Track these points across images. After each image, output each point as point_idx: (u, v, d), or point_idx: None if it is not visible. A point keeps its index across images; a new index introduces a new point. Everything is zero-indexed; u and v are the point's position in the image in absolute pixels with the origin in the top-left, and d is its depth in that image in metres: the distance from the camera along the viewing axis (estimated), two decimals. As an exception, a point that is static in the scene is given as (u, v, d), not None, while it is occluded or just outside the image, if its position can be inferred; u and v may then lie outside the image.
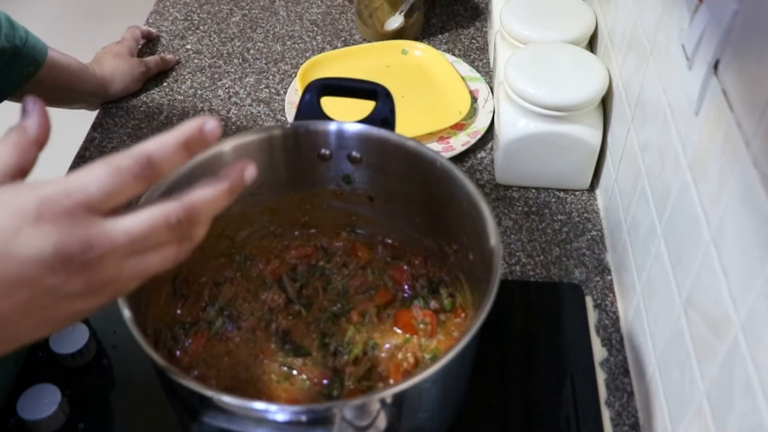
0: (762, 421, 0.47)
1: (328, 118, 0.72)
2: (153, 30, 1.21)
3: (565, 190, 0.96)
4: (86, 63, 1.07)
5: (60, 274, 0.41)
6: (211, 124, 0.45)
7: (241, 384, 0.66)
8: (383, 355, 0.68)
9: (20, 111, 0.46)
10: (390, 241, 0.77)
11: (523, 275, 0.86)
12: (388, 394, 0.54)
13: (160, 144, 0.44)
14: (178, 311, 0.70)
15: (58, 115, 1.00)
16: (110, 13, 2.78)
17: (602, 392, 0.75)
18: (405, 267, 0.75)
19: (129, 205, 0.45)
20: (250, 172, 0.49)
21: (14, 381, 0.73)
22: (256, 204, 0.74)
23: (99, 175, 0.42)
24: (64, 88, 1.02)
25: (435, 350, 0.69)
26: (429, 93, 1.08)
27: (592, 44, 1.01)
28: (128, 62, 1.09)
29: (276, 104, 1.08)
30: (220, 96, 1.10)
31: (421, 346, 0.69)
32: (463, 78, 1.09)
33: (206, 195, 0.47)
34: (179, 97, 1.09)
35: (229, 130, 1.04)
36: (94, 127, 1.06)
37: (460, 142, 1.00)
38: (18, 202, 0.41)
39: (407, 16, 1.16)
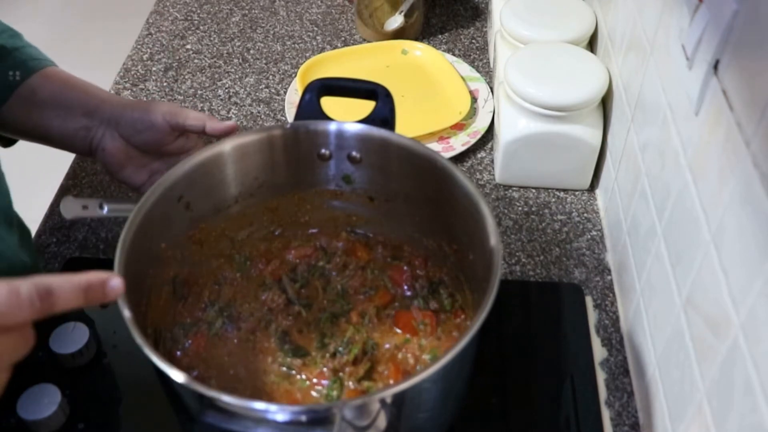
0: (762, 421, 0.47)
1: (328, 118, 0.72)
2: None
3: (565, 190, 0.96)
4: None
5: None
6: (115, 281, 0.49)
7: (241, 384, 0.66)
8: (383, 355, 0.68)
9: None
10: (390, 241, 0.77)
11: (523, 275, 0.86)
12: (388, 394, 0.54)
13: (63, 281, 0.47)
14: (178, 311, 0.70)
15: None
16: (110, 13, 2.79)
17: (602, 392, 0.75)
18: (405, 267, 0.75)
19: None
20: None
21: (11, 381, 0.73)
22: (256, 204, 0.74)
23: (0, 292, 0.44)
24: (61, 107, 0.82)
25: (435, 350, 0.69)
26: (429, 93, 1.08)
27: (592, 44, 1.01)
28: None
29: (276, 104, 1.08)
30: (220, 96, 1.10)
31: (421, 347, 0.69)
32: (463, 78, 1.09)
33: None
34: (179, 97, 1.09)
35: (229, 130, 1.04)
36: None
37: (460, 142, 1.00)
38: None
39: (407, 16, 1.16)
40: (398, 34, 1.17)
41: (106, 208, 0.77)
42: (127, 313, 0.55)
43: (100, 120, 0.81)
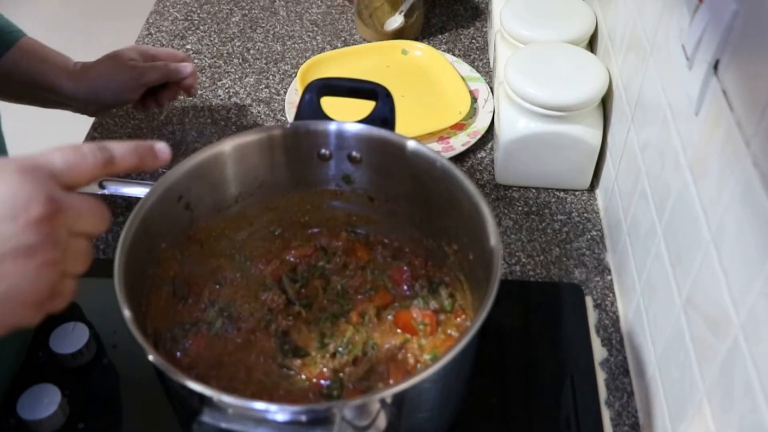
0: (762, 421, 0.47)
1: (328, 118, 0.72)
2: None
3: (565, 190, 0.96)
4: (76, 61, 0.96)
5: (20, 219, 0.44)
6: (161, 145, 0.53)
7: (241, 384, 0.66)
8: (383, 355, 0.68)
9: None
10: (390, 241, 0.77)
11: (523, 275, 0.86)
12: (388, 394, 0.54)
13: (119, 144, 0.51)
14: (178, 311, 0.70)
15: (58, 114, 1.01)
16: (110, 13, 2.79)
17: (602, 392, 0.75)
18: (405, 267, 0.75)
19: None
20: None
21: (11, 381, 0.73)
22: (256, 204, 0.74)
23: (64, 151, 0.48)
24: (38, 80, 0.92)
25: (435, 350, 0.69)
26: (429, 93, 1.08)
27: (592, 44, 1.01)
28: (125, 70, 0.93)
29: (276, 104, 1.08)
30: (220, 96, 1.10)
31: (421, 347, 0.69)
32: (463, 78, 1.09)
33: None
34: (179, 97, 1.09)
35: (229, 130, 1.04)
36: (94, 127, 1.06)
37: (460, 142, 1.00)
38: None
39: (407, 16, 1.16)
40: (398, 34, 1.17)
41: (106, 189, 0.79)
42: (127, 313, 0.55)
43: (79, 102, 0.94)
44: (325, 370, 0.67)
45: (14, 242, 0.44)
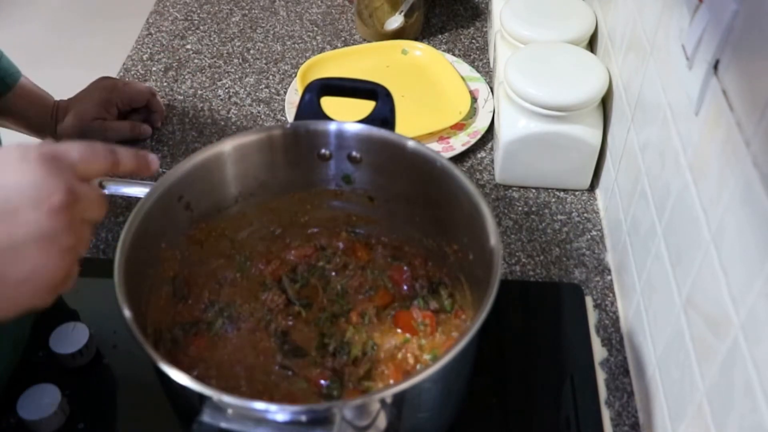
0: (762, 421, 0.47)
1: (328, 118, 0.72)
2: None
3: (565, 190, 0.96)
4: (56, 100, 1.03)
5: (43, 207, 0.47)
6: (152, 156, 0.58)
7: (241, 384, 0.66)
8: (383, 355, 0.68)
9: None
10: (390, 241, 0.77)
11: (523, 275, 0.86)
12: (388, 394, 0.54)
13: (123, 148, 0.55)
14: (178, 311, 0.70)
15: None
16: (110, 13, 2.79)
17: (602, 392, 0.75)
18: (405, 267, 0.75)
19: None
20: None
21: (8, 381, 0.73)
22: (256, 204, 0.74)
23: (81, 146, 0.52)
24: (33, 118, 1.01)
25: (435, 350, 0.69)
26: (429, 93, 1.08)
27: (592, 44, 1.01)
28: (88, 130, 0.99)
29: (276, 104, 1.08)
30: (220, 96, 1.10)
31: (421, 347, 0.69)
32: (463, 78, 1.09)
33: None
34: (179, 97, 1.09)
35: (229, 130, 1.04)
36: (94, 127, 1.06)
37: (460, 142, 1.00)
38: (7, 149, 0.49)
39: (407, 16, 1.16)
40: (398, 34, 1.17)
41: (106, 189, 0.79)
42: (127, 313, 0.55)
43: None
44: (325, 370, 0.67)
45: (37, 228, 0.47)
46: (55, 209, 0.47)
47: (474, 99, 1.06)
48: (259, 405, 0.51)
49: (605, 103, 0.92)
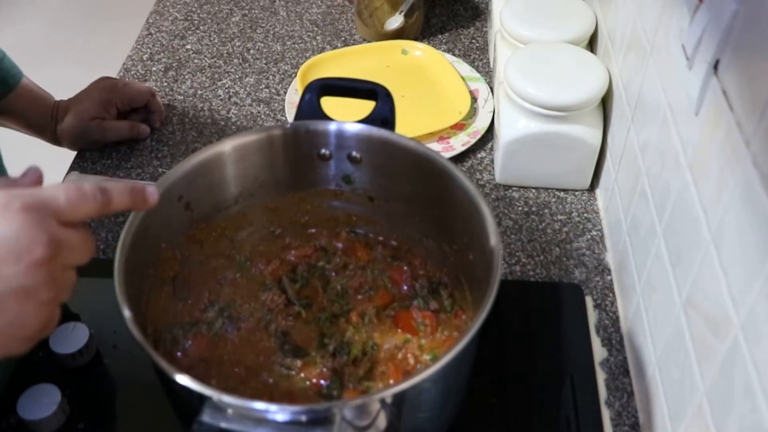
0: (762, 421, 0.47)
1: (328, 118, 0.72)
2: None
3: (565, 190, 0.96)
4: (56, 100, 1.03)
5: (22, 260, 0.46)
6: (151, 188, 0.56)
7: (241, 384, 0.66)
8: (383, 355, 0.68)
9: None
10: (390, 241, 0.77)
11: (523, 275, 0.86)
12: (388, 394, 0.54)
13: (114, 183, 0.54)
14: (178, 311, 0.70)
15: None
16: (110, 13, 2.79)
17: (602, 392, 0.75)
18: (405, 267, 0.75)
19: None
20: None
21: (8, 381, 0.73)
22: (256, 204, 0.74)
23: (69, 190, 0.50)
24: (34, 118, 1.01)
25: (435, 350, 0.69)
26: (429, 93, 1.08)
27: (592, 44, 1.01)
28: (86, 130, 1.00)
29: (276, 104, 1.08)
30: (220, 96, 1.10)
31: (421, 347, 0.69)
32: (463, 78, 1.09)
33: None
34: (179, 97, 1.09)
35: (229, 130, 1.04)
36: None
37: (460, 142, 1.00)
38: None
39: (407, 16, 1.16)
40: (398, 34, 1.17)
41: None
42: (127, 313, 0.55)
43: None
44: (325, 370, 0.67)
45: (16, 282, 0.46)
46: (35, 263, 0.46)
47: (474, 99, 1.06)
48: (259, 405, 0.51)
49: (605, 103, 0.92)
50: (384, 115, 0.71)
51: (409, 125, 0.97)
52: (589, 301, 0.83)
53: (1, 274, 0.46)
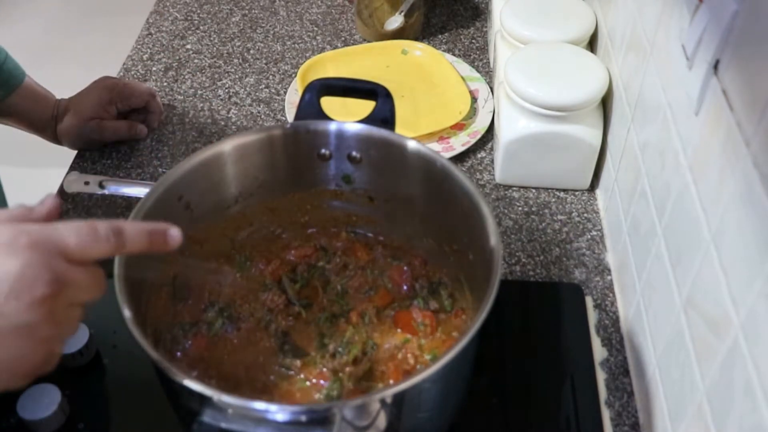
0: (762, 421, 0.47)
1: (328, 118, 0.72)
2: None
3: (565, 190, 0.96)
4: (57, 99, 1.04)
5: (24, 298, 0.46)
6: (174, 230, 0.54)
7: (241, 384, 0.66)
8: (383, 355, 0.68)
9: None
10: (390, 241, 0.77)
11: (523, 275, 0.86)
12: (388, 394, 0.54)
13: (132, 225, 0.53)
14: (178, 311, 0.70)
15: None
16: (110, 13, 2.79)
17: (602, 392, 0.75)
18: (405, 267, 0.75)
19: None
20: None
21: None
22: (256, 204, 0.74)
23: (81, 230, 0.49)
24: (35, 117, 1.01)
25: (435, 350, 0.69)
26: (429, 93, 1.08)
27: (592, 44, 1.01)
28: (85, 129, 1.00)
29: (276, 104, 1.08)
30: (220, 96, 1.10)
31: (421, 347, 0.69)
32: (463, 78, 1.09)
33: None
34: (179, 97, 1.09)
35: (229, 130, 1.04)
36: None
37: (460, 142, 1.00)
38: (0, 230, 0.47)
39: (407, 16, 1.16)
40: (398, 34, 1.17)
41: (106, 189, 0.80)
42: (127, 313, 0.55)
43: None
44: (325, 370, 0.67)
45: (17, 320, 0.46)
46: (36, 301, 0.46)
47: (474, 99, 1.06)
48: (259, 405, 0.51)
49: (605, 103, 0.92)
50: (384, 115, 0.71)
51: (409, 125, 0.98)
52: (589, 301, 0.83)
53: (1, 311, 0.46)
